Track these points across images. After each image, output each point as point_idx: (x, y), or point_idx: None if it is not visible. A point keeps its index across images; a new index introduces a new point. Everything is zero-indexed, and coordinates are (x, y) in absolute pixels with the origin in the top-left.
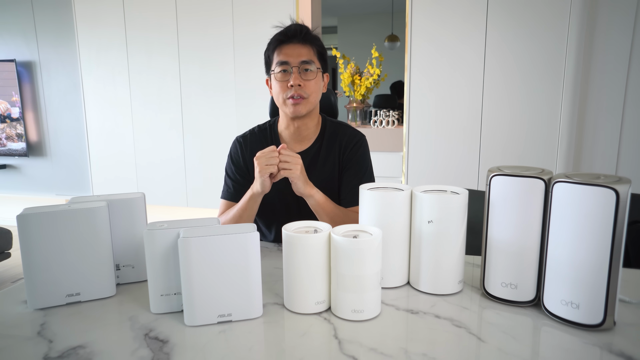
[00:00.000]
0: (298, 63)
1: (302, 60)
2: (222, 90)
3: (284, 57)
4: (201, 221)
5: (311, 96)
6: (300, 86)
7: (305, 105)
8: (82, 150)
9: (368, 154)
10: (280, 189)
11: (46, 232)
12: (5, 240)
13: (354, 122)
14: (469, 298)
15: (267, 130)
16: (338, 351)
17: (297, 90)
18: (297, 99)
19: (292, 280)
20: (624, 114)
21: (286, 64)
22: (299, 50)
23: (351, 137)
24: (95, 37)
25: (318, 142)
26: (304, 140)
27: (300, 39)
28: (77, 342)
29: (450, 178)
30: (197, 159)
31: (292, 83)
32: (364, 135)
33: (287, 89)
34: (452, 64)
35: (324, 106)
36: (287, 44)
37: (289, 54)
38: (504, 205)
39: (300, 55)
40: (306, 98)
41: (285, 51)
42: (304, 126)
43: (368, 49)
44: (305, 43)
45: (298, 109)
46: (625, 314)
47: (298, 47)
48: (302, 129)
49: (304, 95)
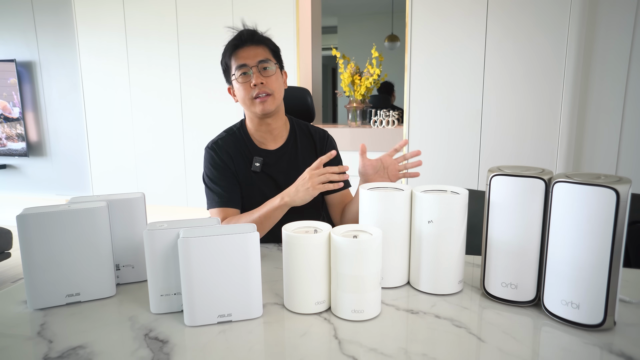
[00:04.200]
0: (256, 63)
1: (260, 60)
2: (222, 91)
3: (242, 60)
4: (201, 221)
5: (275, 92)
6: (263, 84)
7: (272, 101)
8: (82, 150)
9: (337, 145)
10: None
11: (46, 232)
12: (5, 240)
13: (354, 122)
14: (469, 298)
15: (237, 133)
16: (338, 351)
17: (261, 88)
18: (263, 96)
19: (292, 280)
20: (624, 114)
21: (245, 66)
22: (255, 51)
23: (322, 132)
24: (95, 37)
25: (291, 138)
26: (276, 139)
27: (253, 41)
28: (77, 342)
29: (450, 178)
30: (197, 159)
31: (254, 82)
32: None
33: (250, 89)
34: (452, 64)
35: (301, 107)
36: (242, 47)
37: (245, 56)
38: (504, 205)
39: (257, 55)
40: (271, 94)
41: (242, 54)
42: (274, 124)
43: (368, 49)
44: (259, 44)
45: (266, 106)
46: (625, 314)
47: (253, 48)
48: (273, 127)
49: (269, 91)
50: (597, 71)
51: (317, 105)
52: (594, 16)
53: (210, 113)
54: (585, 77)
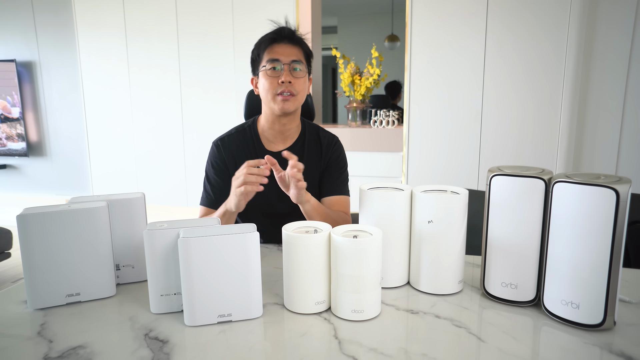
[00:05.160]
0: (289, 61)
1: (293, 60)
2: (222, 91)
3: (276, 55)
4: (201, 221)
5: (299, 94)
6: (291, 83)
7: (293, 102)
8: (82, 150)
9: (344, 153)
10: (279, 196)
11: (46, 232)
12: (5, 240)
13: (354, 122)
14: (469, 298)
15: (246, 131)
16: (338, 351)
17: (288, 87)
18: (286, 95)
19: (292, 280)
20: (624, 114)
21: (277, 61)
22: (290, 49)
23: (330, 138)
24: (95, 37)
25: (300, 141)
26: (286, 139)
27: (292, 39)
28: (77, 342)
29: (450, 178)
30: (197, 159)
31: (283, 79)
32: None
33: (277, 85)
34: (452, 64)
35: (301, 107)
36: (279, 43)
37: (280, 52)
38: (504, 205)
39: (291, 54)
40: (295, 95)
41: (277, 49)
42: (288, 124)
43: (368, 49)
44: (296, 44)
45: (287, 106)
46: (625, 314)
47: (289, 47)
48: (286, 128)
49: (294, 92)
50: (597, 71)
51: (317, 105)
52: (594, 16)
53: (210, 113)
54: (585, 77)
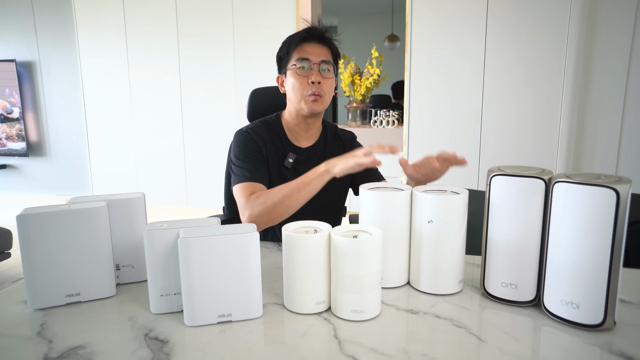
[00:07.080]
0: (319, 61)
1: (323, 60)
2: (222, 91)
3: (306, 54)
4: (201, 221)
5: (327, 95)
6: (320, 83)
7: (322, 103)
8: (82, 150)
9: None
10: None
11: (46, 232)
12: (5, 240)
13: (354, 122)
14: (469, 298)
15: (272, 126)
16: (338, 351)
17: (317, 88)
18: (315, 96)
19: (292, 280)
20: (624, 114)
21: (307, 60)
22: (321, 50)
23: (350, 135)
24: (95, 37)
25: (322, 139)
26: (310, 138)
27: (323, 40)
28: (77, 342)
29: (451, 178)
30: (197, 160)
31: (313, 80)
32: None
33: (306, 85)
34: (452, 64)
35: None
36: (310, 42)
37: (311, 52)
38: (504, 205)
39: (321, 55)
40: (323, 97)
41: (308, 49)
42: (314, 124)
43: (368, 49)
44: (326, 44)
45: (315, 107)
46: (625, 314)
47: (320, 47)
48: (312, 127)
49: (322, 93)
50: (597, 71)
51: None
52: (594, 16)
53: (210, 113)
54: (585, 77)
